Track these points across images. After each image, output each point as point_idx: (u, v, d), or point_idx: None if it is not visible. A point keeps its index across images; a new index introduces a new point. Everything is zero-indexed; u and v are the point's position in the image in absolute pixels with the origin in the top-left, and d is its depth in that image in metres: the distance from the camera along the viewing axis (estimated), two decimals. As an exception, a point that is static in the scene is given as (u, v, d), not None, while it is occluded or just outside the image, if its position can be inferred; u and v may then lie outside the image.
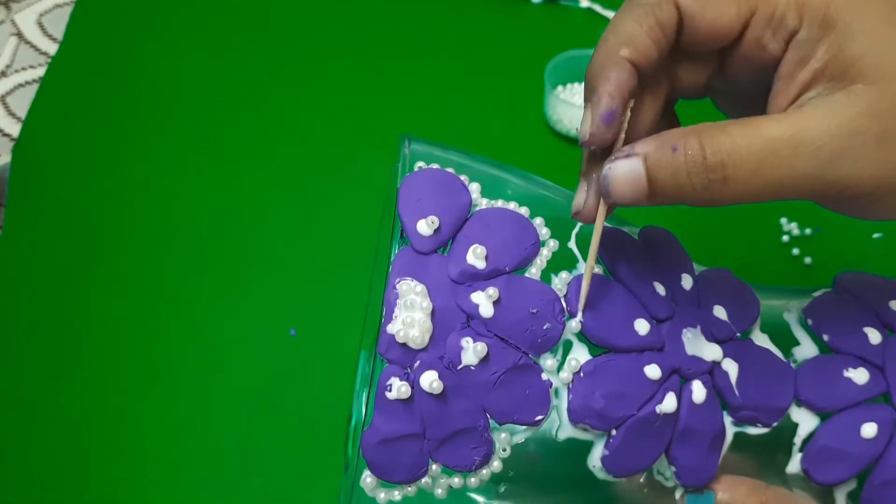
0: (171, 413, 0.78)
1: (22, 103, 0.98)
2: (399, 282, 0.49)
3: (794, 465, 0.55)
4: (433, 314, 0.48)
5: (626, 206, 0.48)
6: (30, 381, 0.79)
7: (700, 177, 0.45)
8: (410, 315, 0.47)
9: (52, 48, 1.03)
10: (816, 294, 0.60)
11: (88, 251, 0.87)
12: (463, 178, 0.53)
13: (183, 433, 0.77)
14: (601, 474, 0.52)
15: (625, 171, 0.47)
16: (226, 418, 0.78)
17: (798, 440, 0.55)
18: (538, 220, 0.53)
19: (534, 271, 0.51)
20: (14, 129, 0.96)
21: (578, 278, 0.51)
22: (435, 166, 0.54)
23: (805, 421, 0.55)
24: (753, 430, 0.54)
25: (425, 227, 0.49)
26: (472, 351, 0.47)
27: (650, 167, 0.46)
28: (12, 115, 0.97)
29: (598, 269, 0.52)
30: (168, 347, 0.81)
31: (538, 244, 0.51)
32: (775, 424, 0.54)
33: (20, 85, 1.00)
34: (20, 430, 0.76)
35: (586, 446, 0.51)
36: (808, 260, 0.88)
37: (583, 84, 0.96)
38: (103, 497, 0.74)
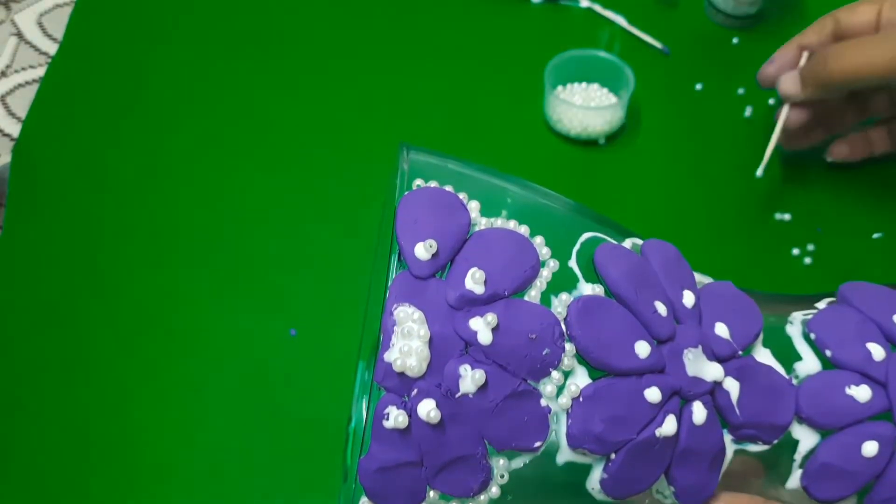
0: (172, 413, 0.78)
1: (22, 103, 0.98)
2: (396, 308, 0.48)
3: (793, 482, 0.55)
4: (431, 341, 0.48)
5: (792, 97, 0.86)
6: (29, 381, 0.79)
7: (821, 61, 0.82)
8: (408, 343, 0.47)
9: (52, 48, 1.03)
10: (820, 305, 0.60)
11: (88, 251, 0.87)
12: (462, 195, 0.53)
13: (183, 433, 0.77)
14: (600, 496, 0.52)
15: (789, 75, 0.86)
16: (226, 418, 0.78)
17: (798, 457, 0.55)
18: (538, 240, 0.52)
19: (533, 293, 0.50)
20: (14, 129, 0.95)
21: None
22: (433, 184, 0.53)
23: (806, 438, 0.55)
24: (753, 448, 0.54)
25: (423, 251, 0.49)
26: (470, 379, 0.47)
27: (800, 69, 0.85)
28: (12, 115, 0.97)
29: (598, 290, 0.52)
30: (168, 347, 0.81)
31: (538, 266, 0.51)
32: (776, 442, 0.54)
33: (20, 85, 1.00)
34: (20, 430, 0.77)
35: (585, 469, 0.51)
36: (807, 260, 0.88)
37: (583, 84, 0.97)
38: (103, 497, 0.74)
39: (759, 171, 0.88)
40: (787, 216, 0.91)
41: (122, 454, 0.76)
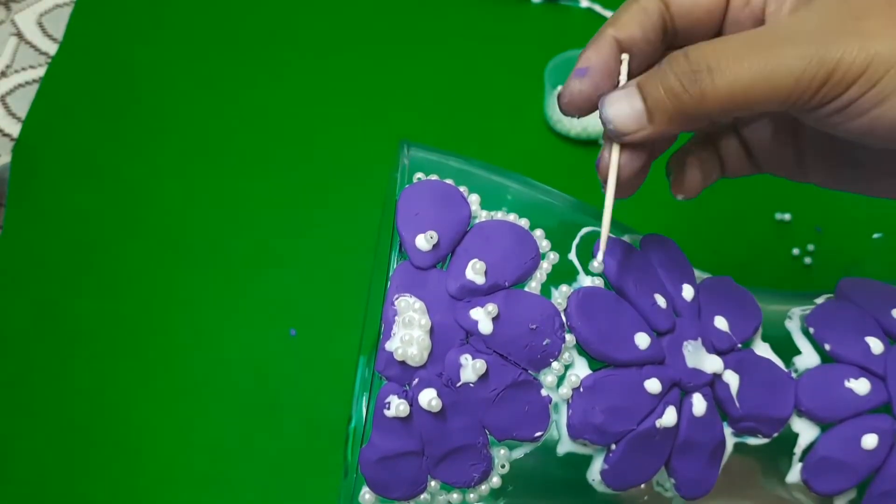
0: (172, 413, 0.78)
1: (22, 103, 0.98)
2: (397, 298, 0.48)
3: (793, 475, 0.55)
4: (432, 331, 0.48)
5: (631, 135, 0.50)
6: (30, 381, 0.79)
7: (686, 77, 0.47)
8: (409, 333, 0.47)
9: (52, 48, 1.03)
10: (818, 300, 0.60)
11: (88, 251, 0.87)
12: (462, 189, 0.53)
13: (183, 433, 0.77)
14: (600, 487, 0.52)
15: (620, 96, 0.50)
16: (226, 418, 0.78)
17: (798, 450, 0.55)
18: (538, 233, 0.52)
19: (534, 285, 0.51)
20: (14, 129, 0.95)
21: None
22: (434, 177, 0.54)
23: (805, 431, 0.55)
24: (753, 441, 0.54)
25: (424, 242, 0.49)
26: (471, 368, 0.47)
27: (641, 85, 0.49)
28: (12, 115, 0.97)
29: (598, 282, 0.52)
30: (168, 347, 0.81)
31: (538, 257, 0.51)
32: (775, 435, 0.54)
33: (20, 85, 1.00)
34: (20, 430, 0.77)
35: (586, 460, 0.51)
36: (807, 260, 0.88)
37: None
38: (103, 497, 0.74)
39: (596, 264, 0.53)
40: (787, 216, 0.91)
41: (122, 454, 0.76)
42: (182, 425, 0.77)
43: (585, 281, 0.52)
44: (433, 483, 0.50)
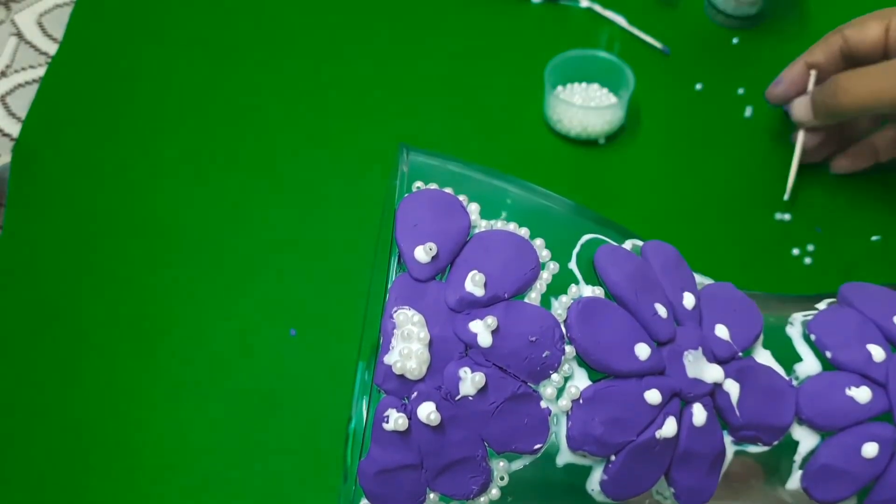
0: (172, 413, 0.78)
1: (22, 103, 0.98)
2: (396, 311, 0.48)
3: (793, 483, 0.55)
4: (430, 344, 0.48)
5: (805, 123, 0.90)
6: (30, 381, 0.79)
7: (831, 92, 0.84)
8: (408, 346, 0.47)
9: (52, 48, 1.03)
10: (820, 306, 0.60)
11: (89, 251, 0.86)
12: (462, 198, 0.53)
13: (183, 433, 0.77)
14: (600, 498, 0.51)
15: (800, 101, 0.90)
16: (226, 418, 0.78)
17: (798, 458, 0.55)
18: (538, 242, 0.52)
19: (533, 296, 0.50)
20: (14, 129, 0.95)
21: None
22: (433, 186, 0.53)
23: (806, 439, 0.55)
24: (754, 449, 0.54)
25: (423, 254, 0.49)
26: (470, 381, 0.47)
27: (811, 96, 0.88)
28: (12, 115, 0.97)
29: (599, 292, 0.52)
30: (168, 347, 0.81)
31: (538, 268, 0.51)
32: (776, 443, 0.54)
33: (20, 85, 1.00)
34: (20, 429, 0.76)
35: (585, 471, 0.51)
36: (807, 260, 0.88)
37: (583, 84, 0.96)
38: (103, 497, 0.74)
39: (786, 196, 0.92)
40: (787, 216, 0.91)
41: (122, 454, 0.76)
42: (182, 425, 0.77)
43: (586, 291, 0.52)
44: (432, 496, 0.49)
